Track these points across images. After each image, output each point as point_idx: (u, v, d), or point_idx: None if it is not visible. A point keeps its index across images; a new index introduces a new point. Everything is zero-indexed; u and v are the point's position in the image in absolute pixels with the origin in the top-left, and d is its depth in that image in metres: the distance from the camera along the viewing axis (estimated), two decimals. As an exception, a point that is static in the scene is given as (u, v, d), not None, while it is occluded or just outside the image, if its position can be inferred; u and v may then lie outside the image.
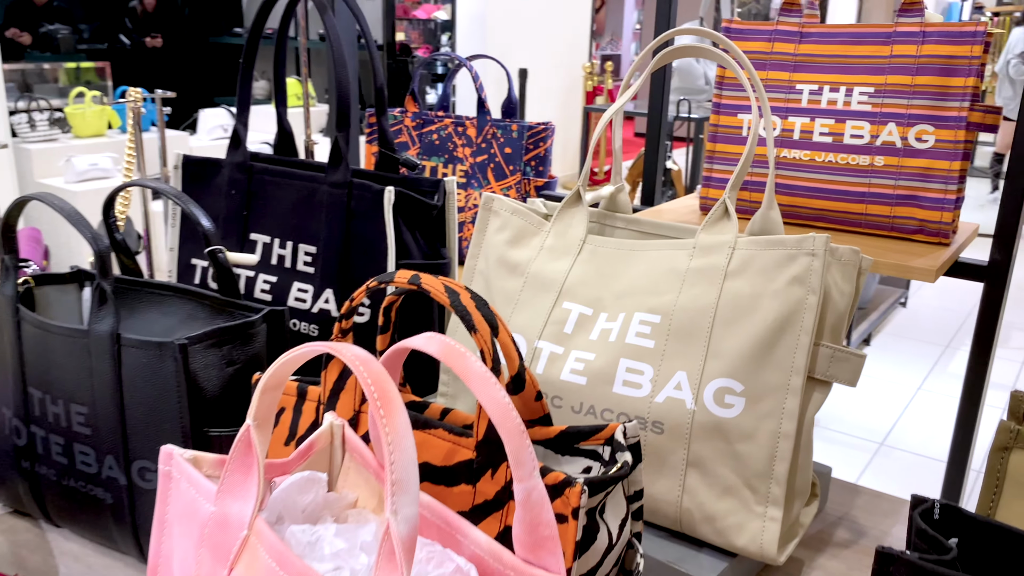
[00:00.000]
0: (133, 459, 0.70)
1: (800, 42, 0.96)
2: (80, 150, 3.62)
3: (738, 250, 0.74)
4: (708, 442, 0.70)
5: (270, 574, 0.42)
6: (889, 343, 3.68)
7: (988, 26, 0.86)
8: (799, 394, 0.69)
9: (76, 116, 3.75)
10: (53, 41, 5.50)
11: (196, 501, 0.47)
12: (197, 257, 1.05)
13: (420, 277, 0.53)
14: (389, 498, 0.36)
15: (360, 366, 0.39)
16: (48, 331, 0.72)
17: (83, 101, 3.84)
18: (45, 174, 3.58)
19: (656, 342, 0.73)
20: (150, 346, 0.67)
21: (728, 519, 0.70)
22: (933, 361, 3.50)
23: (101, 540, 0.76)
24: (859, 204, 0.96)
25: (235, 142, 1.03)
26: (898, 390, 3.20)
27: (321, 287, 0.97)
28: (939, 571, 0.41)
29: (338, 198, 0.96)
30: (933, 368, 3.43)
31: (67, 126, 3.79)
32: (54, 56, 5.53)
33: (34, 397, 0.74)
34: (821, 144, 0.96)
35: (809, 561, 0.79)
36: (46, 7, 5.92)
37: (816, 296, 0.69)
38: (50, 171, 3.57)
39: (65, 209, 0.69)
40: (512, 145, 1.27)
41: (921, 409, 3.05)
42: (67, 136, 3.80)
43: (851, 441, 2.79)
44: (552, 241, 0.83)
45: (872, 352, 3.54)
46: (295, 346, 0.77)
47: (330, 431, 0.55)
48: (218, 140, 4.25)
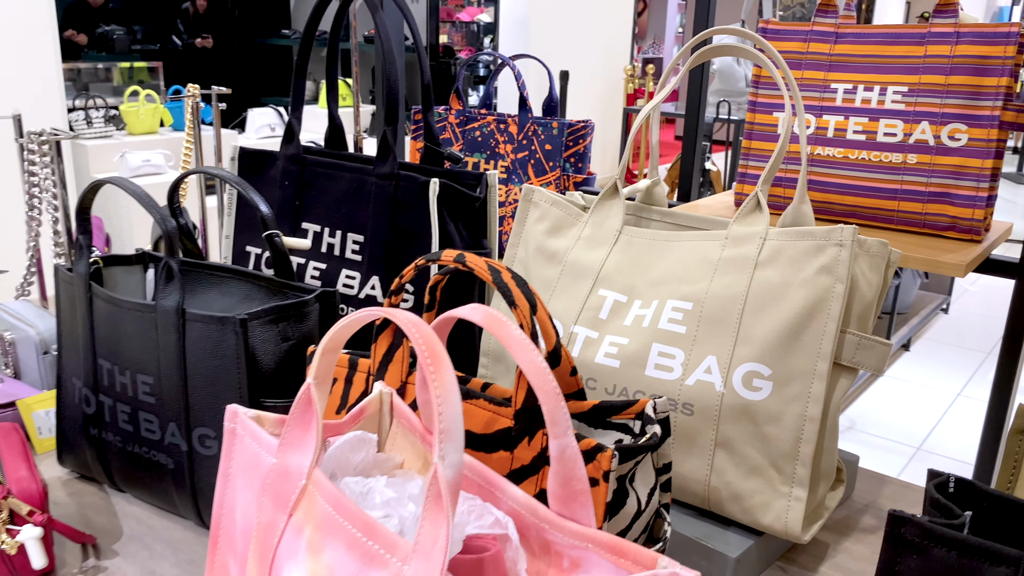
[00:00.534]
0: (194, 426, 0.75)
1: (836, 42, 0.99)
2: (134, 146, 3.74)
3: (769, 241, 0.76)
4: (736, 424, 0.73)
5: (326, 518, 0.46)
6: (929, 349, 3.64)
7: (1022, 27, 0.87)
8: (825, 379, 0.71)
9: (130, 114, 3.87)
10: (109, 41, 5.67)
11: (259, 455, 0.52)
12: (251, 245, 1.11)
13: (465, 256, 0.57)
14: (437, 445, 0.40)
15: (412, 328, 0.43)
16: (118, 306, 0.77)
17: (137, 99, 3.96)
18: (100, 169, 3.70)
19: (688, 328, 0.76)
20: (213, 321, 0.72)
21: (754, 498, 0.73)
22: (974, 368, 3.46)
23: (162, 504, 0.82)
24: (891, 201, 0.98)
25: (289, 136, 1.08)
26: (937, 396, 3.17)
27: (368, 274, 1.02)
28: (947, 532, 0.43)
29: (385, 189, 1.00)
30: (974, 375, 3.39)
31: (122, 123, 3.92)
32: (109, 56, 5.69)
33: (103, 368, 0.80)
34: (854, 142, 0.98)
35: (834, 544, 0.81)
36: (102, 8, 6.11)
37: (843, 285, 0.72)
38: (105, 166, 3.69)
39: (136, 192, 0.75)
40: (552, 142, 1.31)
41: (960, 415, 3.02)
42: (121, 133, 3.92)
43: (888, 445, 2.78)
44: (589, 231, 0.87)
45: (912, 357, 3.51)
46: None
47: (379, 398, 0.60)
48: (266, 139, 4.35)
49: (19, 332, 1.01)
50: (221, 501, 0.55)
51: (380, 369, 0.64)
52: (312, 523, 0.47)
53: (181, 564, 0.75)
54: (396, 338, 0.64)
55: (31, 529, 0.68)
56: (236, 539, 0.53)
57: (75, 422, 0.84)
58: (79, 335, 0.81)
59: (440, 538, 0.40)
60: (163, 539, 0.79)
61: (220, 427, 0.74)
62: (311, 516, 0.47)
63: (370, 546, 0.44)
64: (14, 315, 1.03)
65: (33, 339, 0.99)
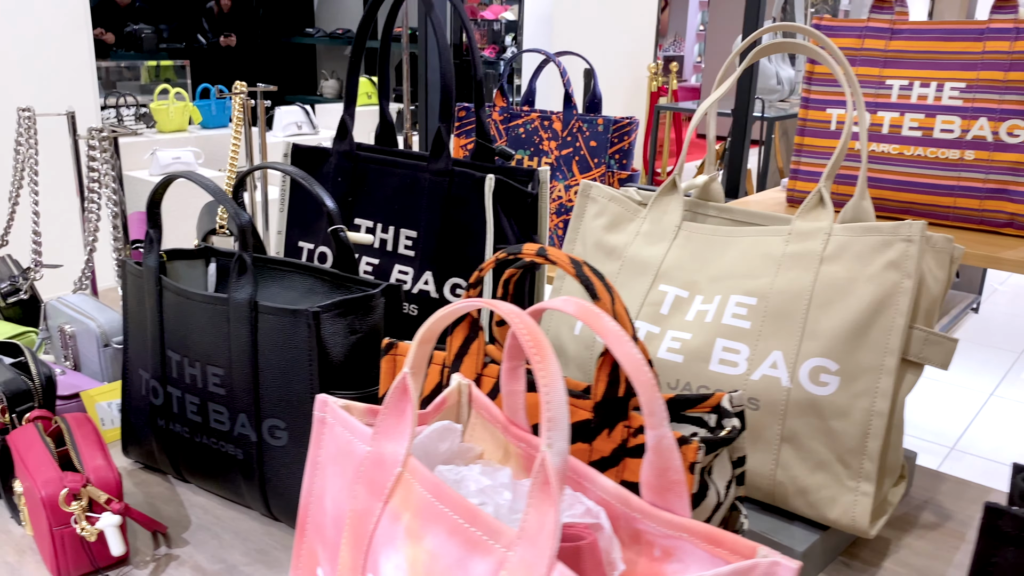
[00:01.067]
0: (264, 418, 0.76)
1: (891, 38, 0.99)
2: (163, 144, 3.77)
3: (834, 236, 0.77)
4: (802, 418, 0.73)
5: (426, 505, 0.47)
6: (961, 348, 3.61)
7: (1085, 22, 0.87)
8: (893, 374, 0.71)
9: (160, 112, 3.91)
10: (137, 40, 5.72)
11: (351, 443, 0.53)
12: (303, 240, 1.12)
13: (546, 250, 0.58)
14: (545, 433, 0.41)
15: (516, 318, 0.43)
16: (189, 299, 0.78)
17: (167, 97, 4.00)
18: (131, 167, 3.74)
19: (752, 323, 0.77)
20: (285, 313, 0.73)
21: (821, 492, 0.73)
22: (1006, 368, 3.43)
23: (228, 494, 0.83)
24: (947, 197, 0.98)
25: (342, 133, 1.10)
26: (970, 395, 3.15)
27: (421, 269, 1.03)
28: (1045, 525, 0.44)
29: (439, 185, 1.01)
30: (1006, 374, 3.36)
31: (152, 121, 3.95)
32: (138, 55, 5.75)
33: (172, 360, 0.81)
34: (910, 138, 0.98)
35: (896, 540, 0.81)
36: (129, 7, 6.17)
37: (912, 280, 0.72)
38: (136, 164, 3.73)
39: (209, 186, 0.76)
40: (597, 138, 1.31)
41: (993, 415, 2.99)
42: (151, 131, 3.96)
43: (922, 444, 2.76)
44: (648, 227, 0.87)
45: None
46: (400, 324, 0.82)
47: (458, 389, 0.60)
48: (292, 136, 4.38)
49: (80, 325, 1.03)
50: (310, 489, 0.56)
51: (456, 361, 0.65)
52: (410, 510, 0.48)
53: (250, 553, 0.76)
54: (472, 331, 0.65)
55: (110, 517, 0.70)
56: (326, 526, 0.54)
57: (142, 413, 0.86)
58: (147, 327, 0.83)
59: (548, 524, 0.41)
60: (231, 529, 0.80)
61: (290, 418, 0.75)
62: (409, 503, 0.48)
63: (473, 532, 0.44)
64: (74, 308, 1.05)
65: (94, 331, 1.01)
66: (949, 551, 0.80)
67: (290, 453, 0.76)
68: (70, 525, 0.70)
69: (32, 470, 0.71)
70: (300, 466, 0.76)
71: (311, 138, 4.43)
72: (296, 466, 0.76)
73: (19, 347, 0.90)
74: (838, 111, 1.02)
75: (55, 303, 1.07)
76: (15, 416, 0.81)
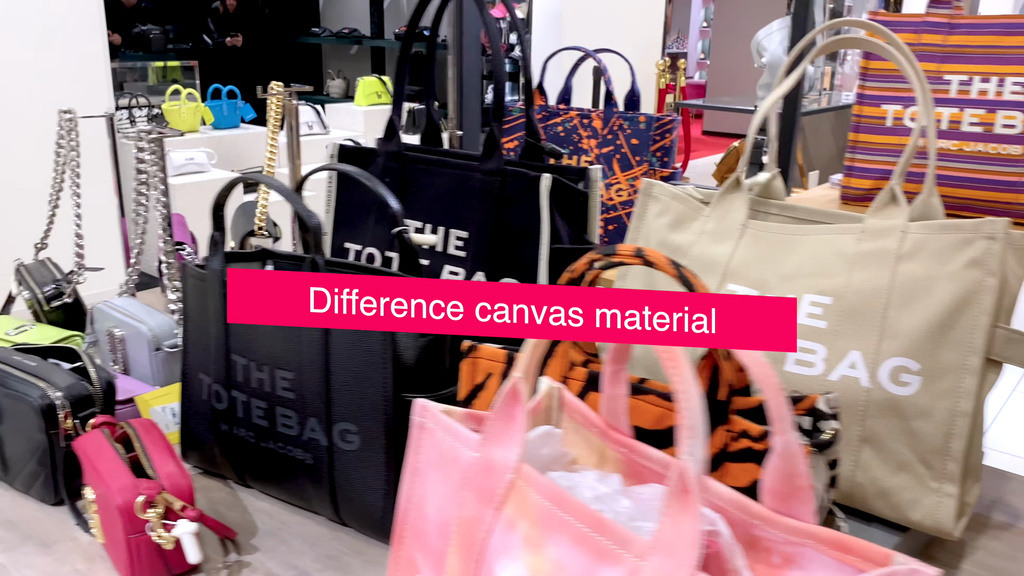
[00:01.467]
0: (335, 421, 0.75)
1: (950, 33, 0.98)
2: (176, 145, 3.76)
3: (910, 234, 0.76)
4: (883, 419, 0.72)
5: (545, 513, 0.46)
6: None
7: None
8: (977, 374, 0.71)
9: (172, 112, 3.90)
10: (145, 41, 5.71)
11: (455, 448, 0.52)
12: (350, 241, 1.11)
13: (644, 251, 0.57)
14: (685, 441, 0.40)
15: (645, 322, 0.43)
16: (257, 302, 0.77)
17: (178, 98, 3.99)
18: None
19: (828, 322, 0.76)
20: (359, 316, 0.72)
21: (903, 494, 0.72)
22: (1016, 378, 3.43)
23: (294, 499, 0.82)
24: (1010, 193, 0.97)
25: (390, 133, 1.09)
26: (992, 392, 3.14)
27: (472, 270, 1.02)
28: None
29: (492, 185, 1.00)
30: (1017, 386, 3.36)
31: (164, 122, 3.95)
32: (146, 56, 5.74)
33: (237, 364, 0.80)
34: (970, 134, 0.97)
35: (970, 542, 0.80)
36: (135, 8, 6.16)
37: (996, 279, 0.71)
38: (148, 165, 3.71)
39: (278, 186, 0.75)
40: (639, 136, 1.30)
41: (1017, 411, 2.98)
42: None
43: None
44: (713, 225, 0.86)
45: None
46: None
47: (549, 394, 0.59)
48: (305, 136, 4.37)
49: (130, 328, 1.02)
50: (409, 495, 0.55)
51: (542, 365, 0.64)
52: (528, 518, 0.47)
53: (321, 559, 0.75)
54: (558, 333, 0.64)
55: (187, 524, 0.69)
56: (428, 534, 0.53)
57: (203, 418, 0.85)
58: (210, 331, 0.82)
59: (688, 534, 0.40)
60: (299, 535, 0.79)
61: (362, 422, 0.74)
62: (525, 511, 0.47)
63: (600, 541, 0.43)
64: (123, 311, 1.04)
65: (145, 335, 1.00)
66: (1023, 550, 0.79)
67: (362, 458, 0.75)
68: (145, 533, 0.69)
69: (105, 477, 0.70)
70: (371, 471, 0.75)
71: (322, 137, 4.42)
72: (367, 471, 0.75)
73: (76, 351, 0.89)
74: (894, 107, 1.01)
75: (102, 307, 1.06)
76: (78, 422, 0.81)
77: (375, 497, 0.75)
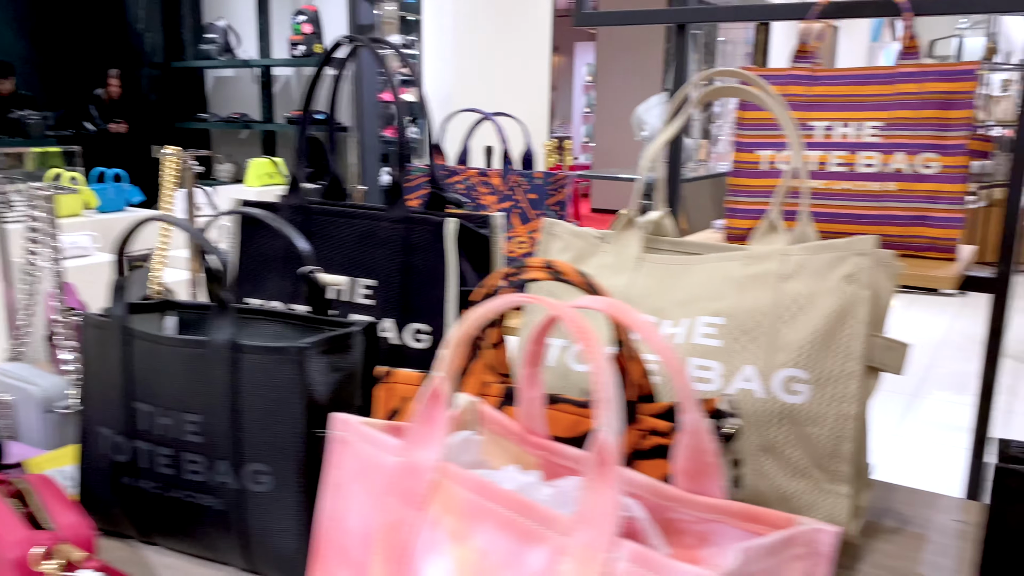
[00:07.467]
0: (246, 462, 0.74)
1: (812, 84, 1.08)
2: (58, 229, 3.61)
3: (791, 256, 0.82)
4: (779, 427, 0.77)
5: (469, 504, 0.47)
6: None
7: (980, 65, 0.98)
8: (858, 379, 0.76)
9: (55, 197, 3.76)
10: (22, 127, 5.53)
11: (376, 456, 0.52)
12: (251, 296, 1.10)
13: (552, 263, 0.60)
14: (599, 414, 0.42)
15: (558, 308, 0.45)
16: (162, 344, 0.76)
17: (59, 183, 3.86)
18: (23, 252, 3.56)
19: (723, 341, 0.80)
20: (270, 351, 0.72)
21: (802, 498, 0.76)
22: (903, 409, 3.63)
23: (200, 551, 0.79)
24: (874, 226, 1.06)
25: (293, 186, 1.10)
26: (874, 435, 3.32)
27: (381, 317, 1.02)
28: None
29: (398, 232, 1.02)
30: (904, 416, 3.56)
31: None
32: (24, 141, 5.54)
33: (141, 411, 0.78)
34: (836, 173, 1.06)
35: (866, 545, 0.85)
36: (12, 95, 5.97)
37: (868, 291, 0.77)
38: (27, 250, 3.55)
39: (184, 225, 0.75)
40: (537, 191, 1.36)
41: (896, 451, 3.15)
42: (43, 216, 3.79)
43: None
44: (611, 259, 0.91)
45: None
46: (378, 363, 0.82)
47: (468, 408, 0.61)
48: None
49: (19, 392, 0.97)
50: (330, 513, 0.55)
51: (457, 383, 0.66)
52: (453, 513, 0.47)
53: (233, 609, 0.73)
54: (472, 351, 0.66)
55: (90, 574, 0.65)
56: (350, 548, 0.53)
57: (102, 474, 0.81)
58: (112, 380, 0.79)
59: (608, 503, 0.42)
60: (208, 586, 0.76)
61: (274, 462, 0.73)
62: (450, 506, 0.48)
63: (524, 523, 0.45)
64: (11, 376, 0.99)
65: (36, 396, 0.96)
66: (915, 551, 0.84)
67: (275, 499, 0.74)
68: (43, 587, 0.65)
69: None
70: (285, 512, 0.73)
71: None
72: (281, 512, 0.74)
73: (-40, 413, 0.85)
74: (767, 152, 1.10)
75: (-13, 372, 1.01)
76: (-35, 483, 0.76)
77: (289, 539, 0.74)
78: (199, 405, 0.75)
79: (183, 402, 0.75)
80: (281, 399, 0.72)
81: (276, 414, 0.73)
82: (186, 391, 0.75)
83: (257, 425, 0.73)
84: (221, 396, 0.73)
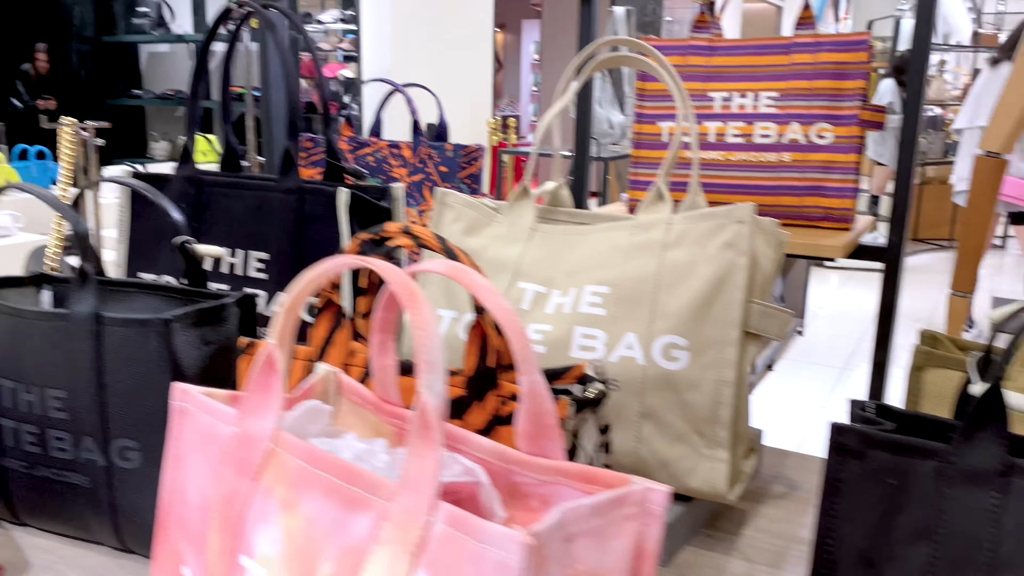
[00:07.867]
0: (113, 438, 0.71)
1: (711, 55, 1.08)
2: (-24, 208, 3.49)
3: (674, 225, 0.82)
4: (659, 394, 0.77)
5: (299, 472, 0.46)
6: (791, 367, 3.90)
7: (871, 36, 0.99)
8: (736, 345, 0.77)
9: (-30, 174, 3.62)
10: (-59, 102, 5.30)
11: (213, 426, 0.50)
12: (145, 271, 1.07)
13: (410, 227, 0.59)
14: (423, 375, 0.41)
15: (388, 271, 0.44)
16: (23, 317, 0.73)
17: (-22, 159, 3.72)
18: (-63, 234, 3.42)
19: (607, 310, 0.80)
20: (134, 324, 0.69)
21: (681, 463, 0.77)
22: (832, 382, 3.72)
23: (72, 530, 0.77)
24: (770, 196, 1.07)
25: (184, 158, 1.06)
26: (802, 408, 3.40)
27: (274, 291, 1.00)
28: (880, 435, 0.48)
29: (290, 204, 1.00)
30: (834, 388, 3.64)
31: (-39, 185, 3.65)
32: (-58, 118, 5.32)
33: (4, 388, 0.75)
34: (734, 144, 1.07)
35: (752, 510, 0.86)
36: (-69, 70, 5.72)
37: (746, 258, 0.78)
38: (-57, 230, 3.41)
39: (42, 194, 0.72)
40: (448, 164, 1.34)
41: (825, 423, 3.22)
42: (-39, 195, 3.65)
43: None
44: (503, 230, 0.90)
45: (777, 376, 3.74)
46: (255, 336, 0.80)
47: (325, 378, 0.59)
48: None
49: None
50: (171, 486, 0.53)
51: (320, 353, 0.64)
52: (283, 482, 0.46)
53: (101, 589, 0.71)
54: (336, 321, 0.64)
55: (-64, 556, 0.63)
56: (189, 520, 0.51)
57: (-33, 454, 0.78)
58: (-27, 357, 0.76)
59: (429, 467, 0.41)
60: (77, 566, 0.74)
61: (142, 437, 0.71)
62: (281, 476, 0.47)
63: (350, 490, 0.44)
64: None
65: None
66: (800, 515, 0.86)
67: (143, 475, 0.71)
68: None
69: None
70: (154, 489, 0.71)
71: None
72: (151, 489, 0.71)
73: None
74: (668, 123, 1.10)
75: None
76: None
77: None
78: (63, 380, 0.72)
79: (47, 378, 0.72)
80: (147, 373, 0.70)
81: (143, 389, 0.70)
82: (49, 366, 0.72)
83: (123, 400, 0.71)
84: (85, 371, 0.71)
